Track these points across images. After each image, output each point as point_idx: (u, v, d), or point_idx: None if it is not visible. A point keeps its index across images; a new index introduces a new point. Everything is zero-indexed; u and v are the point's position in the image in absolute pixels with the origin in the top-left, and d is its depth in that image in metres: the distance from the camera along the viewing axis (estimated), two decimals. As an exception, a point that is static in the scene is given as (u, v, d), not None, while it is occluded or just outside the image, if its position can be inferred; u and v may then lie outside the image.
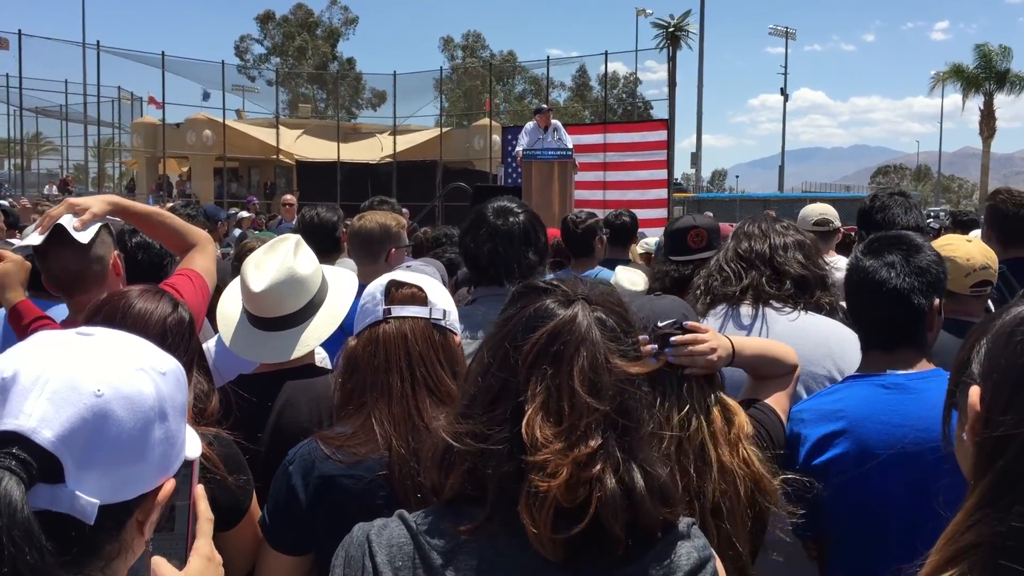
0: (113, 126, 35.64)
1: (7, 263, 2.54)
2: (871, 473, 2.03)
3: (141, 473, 1.02)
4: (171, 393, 1.06)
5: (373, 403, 1.85)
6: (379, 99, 49.56)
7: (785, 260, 2.57)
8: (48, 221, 2.41)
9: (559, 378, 1.26)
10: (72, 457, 0.94)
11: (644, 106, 45.40)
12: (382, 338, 1.88)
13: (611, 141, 16.09)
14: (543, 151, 11.10)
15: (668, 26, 54.18)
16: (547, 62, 35.43)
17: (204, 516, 1.24)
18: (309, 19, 59.67)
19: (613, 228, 5.65)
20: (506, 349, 1.32)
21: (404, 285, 1.94)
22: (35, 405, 0.94)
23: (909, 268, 2.15)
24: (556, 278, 1.43)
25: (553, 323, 1.30)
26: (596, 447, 1.23)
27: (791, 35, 62.24)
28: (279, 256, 2.39)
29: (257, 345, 2.38)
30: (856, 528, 2.07)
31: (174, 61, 31.40)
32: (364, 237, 3.88)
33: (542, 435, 1.22)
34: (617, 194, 15.35)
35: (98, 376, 0.98)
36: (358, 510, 1.72)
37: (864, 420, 2.08)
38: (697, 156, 50.57)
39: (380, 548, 1.30)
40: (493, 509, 1.27)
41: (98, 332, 1.07)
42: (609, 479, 1.22)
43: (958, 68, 48.94)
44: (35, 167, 40.36)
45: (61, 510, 0.94)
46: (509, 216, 2.77)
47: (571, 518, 1.21)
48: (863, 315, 2.24)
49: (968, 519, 0.94)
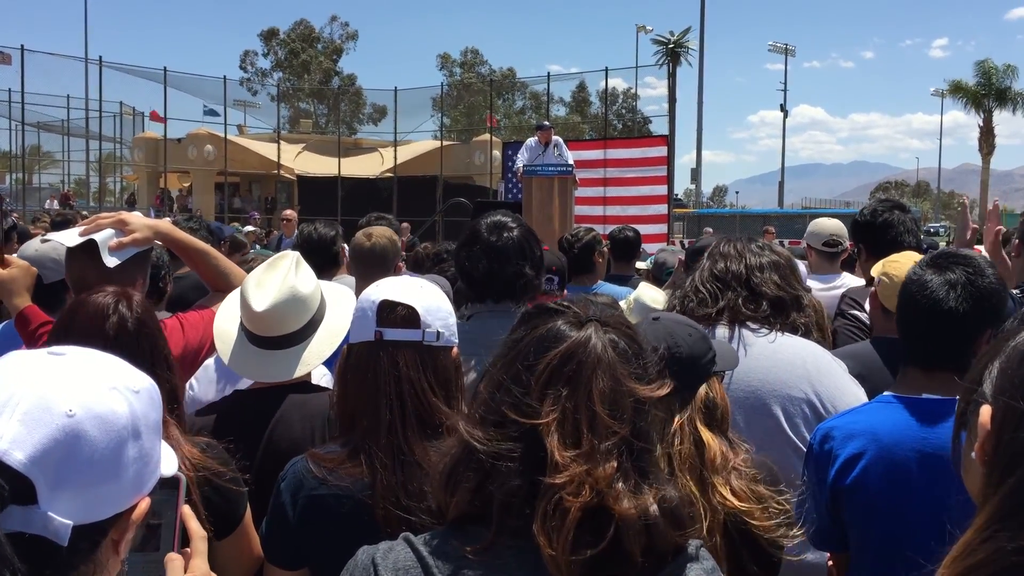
0: (115, 141, 35.80)
1: (13, 269, 2.52)
2: (899, 497, 2.00)
3: (115, 493, 1.01)
4: (144, 411, 1.04)
5: (363, 431, 1.84)
6: (380, 114, 49.82)
7: (761, 280, 2.55)
8: (92, 227, 2.40)
9: (576, 400, 1.26)
10: (45, 478, 0.93)
11: (644, 122, 45.56)
12: (372, 369, 1.85)
13: (611, 157, 16.13)
14: (543, 167, 11.11)
15: (668, 42, 54.55)
16: (547, 78, 35.62)
17: (197, 534, 1.23)
18: (311, 35, 60.09)
19: (616, 243, 5.62)
20: (517, 369, 1.32)
21: (397, 306, 1.89)
22: (6, 427, 0.93)
23: (972, 290, 2.08)
24: (567, 299, 1.43)
25: (566, 344, 1.30)
26: (615, 469, 1.23)
27: (790, 52, 62.60)
28: (280, 274, 2.37)
29: (258, 364, 2.36)
30: (878, 549, 2.05)
31: (176, 76, 31.60)
32: (379, 254, 3.89)
33: (561, 456, 1.22)
34: (617, 210, 15.38)
35: (70, 396, 0.97)
36: (344, 531, 1.72)
37: (895, 445, 2.03)
38: (697, 172, 50.73)
39: (386, 572, 1.29)
40: (499, 529, 1.26)
41: (69, 351, 1.05)
42: (627, 501, 1.21)
43: (959, 84, 49.21)
44: (36, 181, 40.47)
45: (34, 532, 0.93)
46: (503, 231, 2.74)
47: (587, 540, 1.20)
48: (911, 330, 2.18)
49: (978, 537, 0.93)
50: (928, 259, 2.22)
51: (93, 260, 2.38)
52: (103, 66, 29.87)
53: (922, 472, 1.98)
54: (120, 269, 2.40)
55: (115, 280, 2.34)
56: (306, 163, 34.68)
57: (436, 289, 2.00)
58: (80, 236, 2.39)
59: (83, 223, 2.50)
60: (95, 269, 2.37)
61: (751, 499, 1.72)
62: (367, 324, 1.89)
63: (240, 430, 2.14)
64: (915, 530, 1.98)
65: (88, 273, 2.38)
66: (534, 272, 2.76)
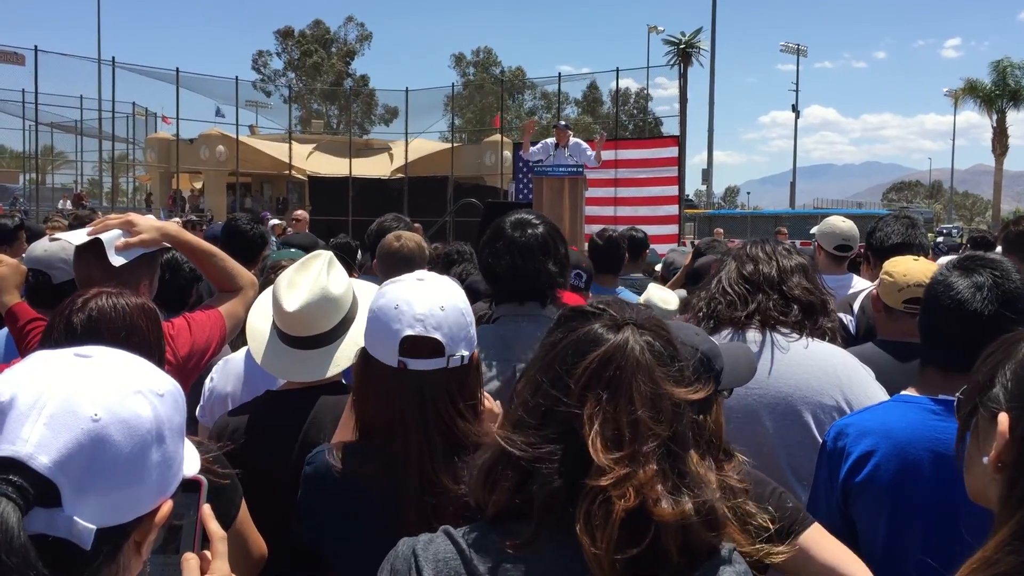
0: (127, 141, 36.00)
1: (3, 267, 2.55)
2: (909, 495, 1.99)
3: (138, 496, 1.01)
4: (169, 415, 1.05)
5: (387, 458, 1.79)
6: (391, 115, 49.86)
7: (793, 284, 2.51)
8: (101, 227, 2.43)
9: (616, 403, 1.28)
10: (69, 482, 0.94)
11: (655, 122, 45.46)
12: (396, 392, 1.81)
13: (622, 157, 16.12)
14: (554, 167, 11.09)
15: (679, 43, 54.34)
16: (559, 78, 35.56)
17: (217, 536, 1.23)
18: (326, 36, 60.19)
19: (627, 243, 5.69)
20: (556, 371, 1.33)
21: (421, 340, 1.80)
22: (32, 430, 0.94)
23: (998, 293, 2.06)
24: (602, 302, 1.43)
25: (604, 348, 1.31)
26: (655, 471, 1.25)
27: (802, 52, 62.38)
28: (312, 275, 2.38)
29: (290, 364, 2.37)
30: (886, 546, 2.04)
31: (188, 77, 31.69)
32: (406, 256, 3.92)
33: (605, 459, 1.24)
34: (628, 210, 15.38)
35: (95, 400, 0.98)
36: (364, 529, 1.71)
37: (908, 444, 2.02)
38: (708, 172, 50.54)
39: (427, 563, 1.31)
40: (539, 526, 1.28)
41: (95, 353, 1.06)
42: (666, 502, 1.23)
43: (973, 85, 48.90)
44: (50, 181, 40.72)
45: (58, 535, 0.94)
46: (528, 228, 2.70)
47: (629, 540, 1.22)
48: (934, 330, 2.16)
49: (1001, 548, 0.92)
50: (955, 261, 2.20)
51: (99, 259, 2.39)
52: (116, 67, 29.99)
53: (934, 471, 1.97)
54: (126, 269, 2.41)
55: (121, 280, 2.36)
56: (317, 163, 34.75)
57: (454, 296, 1.89)
58: (88, 236, 2.42)
59: (93, 223, 2.53)
60: (101, 268, 2.39)
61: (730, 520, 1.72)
62: (388, 348, 1.81)
63: (273, 431, 2.15)
64: (923, 529, 1.98)
65: (94, 272, 2.39)
66: (558, 269, 2.72)
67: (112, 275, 2.37)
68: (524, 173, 16.28)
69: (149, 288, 2.54)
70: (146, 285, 2.52)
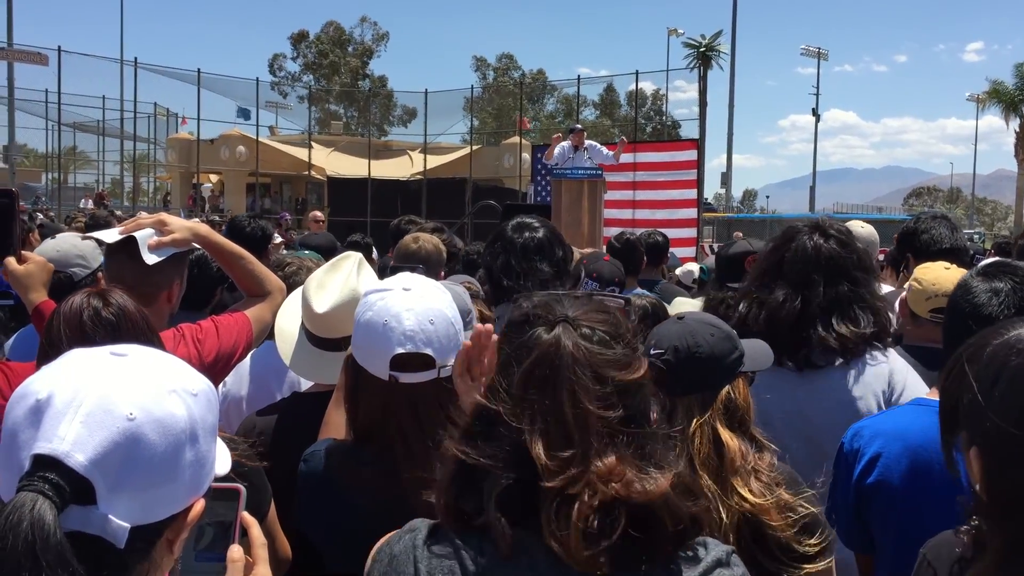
0: (149, 141, 36.25)
1: (30, 264, 2.56)
2: (920, 497, 2.00)
3: (172, 495, 1.02)
4: (202, 415, 1.06)
5: (381, 463, 1.83)
6: (410, 116, 49.98)
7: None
8: (132, 226, 2.44)
9: (556, 400, 1.27)
10: (104, 480, 0.95)
11: (673, 125, 45.32)
12: (387, 403, 1.84)
13: (641, 160, 16.06)
14: (573, 170, 11.08)
15: (699, 46, 54.18)
16: (578, 81, 35.53)
17: (258, 542, 1.24)
18: (341, 36, 60.41)
19: (645, 247, 5.63)
20: (506, 381, 1.34)
21: (410, 358, 1.82)
22: (68, 428, 0.95)
23: (1015, 299, 2.08)
24: (537, 303, 1.42)
25: (536, 352, 1.31)
26: (615, 461, 1.24)
27: (823, 55, 62.00)
28: (342, 276, 2.38)
29: (319, 366, 2.38)
30: (896, 547, 2.04)
31: (209, 78, 31.92)
32: (423, 257, 3.92)
33: (550, 461, 1.24)
34: (647, 213, 15.31)
35: (131, 399, 0.99)
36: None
37: (921, 448, 2.02)
38: (727, 176, 50.41)
39: (423, 558, 1.31)
40: (516, 527, 1.27)
41: (131, 352, 1.07)
42: (640, 484, 1.23)
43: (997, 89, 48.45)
44: (72, 181, 41.01)
45: (92, 532, 0.95)
46: (526, 231, 2.79)
47: (601, 531, 1.21)
48: (952, 334, 2.17)
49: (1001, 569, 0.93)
50: (981, 267, 2.23)
51: (132, 258, 2.39)
52: (138, 67, 30.27)
53: (945, 474, 1.98)
54: (158, 268, 2.41)
55: (153, 279, 2.38)
56: (336, 164, 34.89)
57: (442, 304, 1.90)
58: (120, 234, 2.42)
59: (122, 223, 2.53)
60: (133, 267, 2.39)
61: (769, 501, 1.73)
62: (379, 364, 1.83)
63: (300, 432, 2.17)
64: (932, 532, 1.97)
65: (125, 270, 2.40)
66: (553, 271, 2.76)
67: (144, 274, 2.37)
68: (543, 175, 16.28)
69: (179, 289, 2.55)
70: (177, 284, 2.53)
